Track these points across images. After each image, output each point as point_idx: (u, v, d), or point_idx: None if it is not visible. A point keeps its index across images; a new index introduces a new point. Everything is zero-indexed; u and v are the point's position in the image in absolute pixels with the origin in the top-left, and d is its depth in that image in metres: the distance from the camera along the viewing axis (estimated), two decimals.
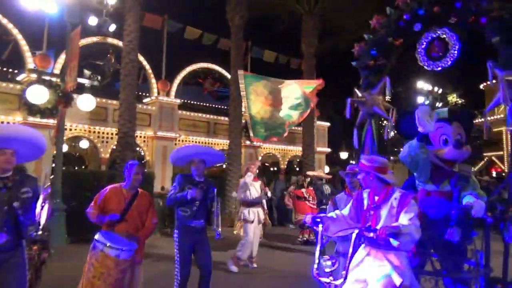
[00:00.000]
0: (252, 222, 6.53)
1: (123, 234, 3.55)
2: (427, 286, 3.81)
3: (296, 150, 18.50)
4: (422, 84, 23.81)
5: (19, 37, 12.07)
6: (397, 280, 2.75)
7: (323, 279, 2.67)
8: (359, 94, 4.51)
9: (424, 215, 3.51)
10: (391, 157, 26.49)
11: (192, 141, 15.32)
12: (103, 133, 13.45)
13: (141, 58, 13.72)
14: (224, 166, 16.21)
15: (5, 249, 2.70)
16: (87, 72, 16.36)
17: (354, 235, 2.77)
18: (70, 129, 12.57)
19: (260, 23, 17.43)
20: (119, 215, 3.61)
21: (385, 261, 2.85)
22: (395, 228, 2.67)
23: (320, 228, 2.98)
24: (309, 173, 9.99)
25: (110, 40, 13.95)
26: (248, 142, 16.70)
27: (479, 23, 3.74)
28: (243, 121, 15.51)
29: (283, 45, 18.59)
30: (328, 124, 19.97)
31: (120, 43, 12.43)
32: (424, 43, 4.19)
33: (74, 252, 7.16)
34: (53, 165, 9.91)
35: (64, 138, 10.25)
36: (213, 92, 18.52)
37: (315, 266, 2.71)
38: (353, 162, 10.18)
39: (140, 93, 14.72)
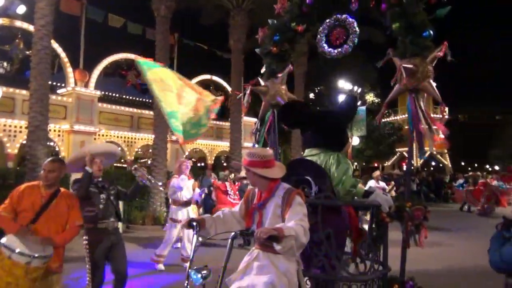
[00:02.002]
0: (180, 222, 6.40)
1: (37, 239, 3.14)
2: None
3: (224, 145, 18.43)
4: (343, 83, 25.06)
5: None
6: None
7: None
8: (262, 83, 4.25)
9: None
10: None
11: (114, 136, 14.49)
12: (9, 126, 12.11)
13: (55, 45, 12.58)
14: (149, 161, 15.61)
15: None
16: None
17: (229, 241, 2.44)
18: None
19: (188, 15, 17.00)
20: (26, 226, 3.18)
21: (271, 266, 2.53)
22: (276, 230, 2.32)
23: (195, 234, 2.58)
24: (235, 164, 9.87)
25: (19, 23, 12.60)
26: (174, 137, 16.25)
27: (379, 9, 3.63)
28: None
29: (212, 39, 18.38)
30: (255, 120, 20.13)
31: (30, 27, 11.25)
32: (326, 30, 3.98)
33: None
34: None
35: None
36: (137, 85, 17.70)
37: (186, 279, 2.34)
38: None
39: (54, 83, 13.54)
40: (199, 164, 20.96)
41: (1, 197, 8.72)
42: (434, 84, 3.47)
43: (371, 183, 10.71)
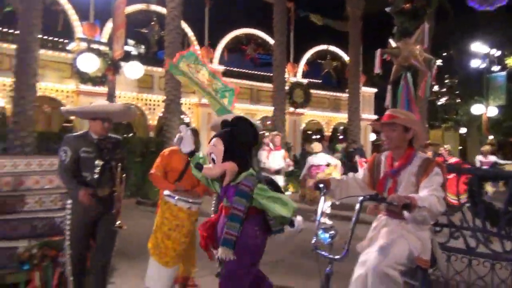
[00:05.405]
0: None
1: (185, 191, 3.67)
2: (458, 267, 3.33)
3: (341, 117, 18.08)
4: (477, 46, 22.14)
5: (68, 6, 12.33)
6: (415, 255, 2.42)
7: (321, 252, 2.35)
8: (393, 45, 3.97)
9: None
10: (442, 125, 25.04)
11: (236, 108, 15.32)
12: (150, 100, 13.71)
13: (184, 25, 13.65)
14: (267, 133, 16.17)
15: None
16: (131, 40, 16.59)
17: (357, 205, 2.34)
18: (119, 97, 12.91)
19: None
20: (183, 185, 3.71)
21: (402, 230, 2.50)
22: (409, 199, 2.22)
23: (322, 195, 2.57)
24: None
25: (154, 7, 13.96)
26: (291, 109, 16.52)
27: None
28: (287, 87, 15.27)
29: (328, 7, 17.85)
30: (374, 90, 19.26)
31: (163, 10, 12.40)
32: None
33: (128, 213, 7.42)
34: None
35: None
36: (255, 59, 18.27)
37: (314, 237, 2.38)
38: None
39: None
40: (314, 136, 21.00)
41: (146, 161, 9.81)
42: None
43: (479, 157, 9.94)
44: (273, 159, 6.93)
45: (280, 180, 7.10)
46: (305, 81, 17.42)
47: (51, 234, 3.95)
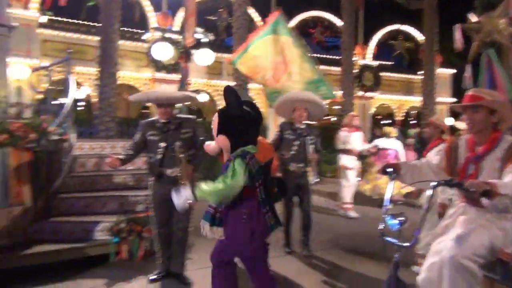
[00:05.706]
0: (351, 168, 6.79)
1: None
2: None
3: (413, 100, 17.20)
4: None
5: None
6: (496, 247, 2.25)
7: (389, 239, 2.24)
8: (474, 19, 3.66)
9: None
10: None
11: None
12: (219, 86, 14.11)
13: (250, 10, 13.73)
14: (334, 118, 15.91)
15: None
16: (200, 28, 17.04)
17: (429, 191, 2.19)
18: (190, 84, 13.44)
19: None
20: None
21: (481, 219, 2.34)
22: (488, 185, 2.02)
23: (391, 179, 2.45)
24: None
25: None
26: (361, 93, 16.05)
27: None
28: (356, 70, 14.83)
29: None
30: (452, 71, 17.97)
31: None
32: None
33: None
34: None
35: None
36: (323, 42, 17.91)
37: (381, 224, 2.29)
38: None
39: None
40: (383, 122, 20.18)
41: None
42: None
43: None
44: (355, 140, 6.77)
45: (358, 164, 7.06)
46: (375, 63, 16.75)
47: (135, 211, 4.34)
